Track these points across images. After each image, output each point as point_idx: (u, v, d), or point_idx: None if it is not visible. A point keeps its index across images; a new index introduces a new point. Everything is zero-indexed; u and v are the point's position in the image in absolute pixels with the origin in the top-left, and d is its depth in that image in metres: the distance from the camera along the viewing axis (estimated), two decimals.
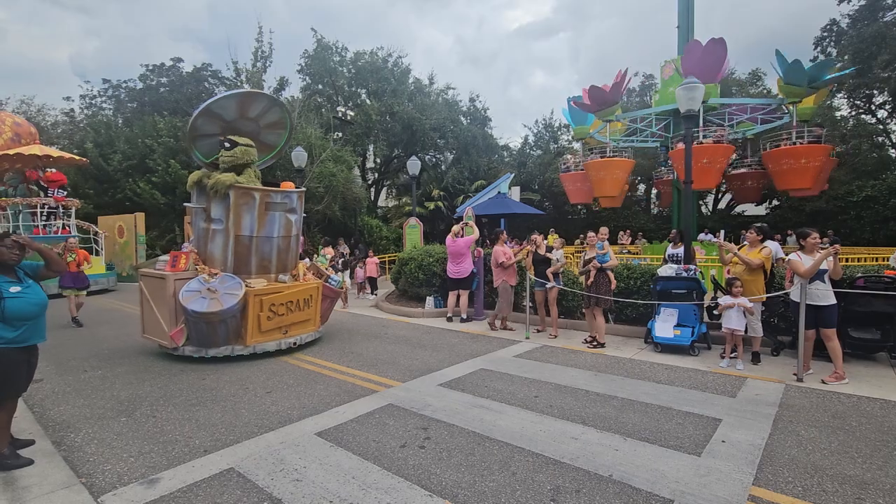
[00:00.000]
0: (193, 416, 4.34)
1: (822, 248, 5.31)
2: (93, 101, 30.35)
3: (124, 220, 17.45)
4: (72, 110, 30.15)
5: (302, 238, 8.26)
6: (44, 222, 14.17)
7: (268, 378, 5.48)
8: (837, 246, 5.42)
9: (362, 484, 3.09)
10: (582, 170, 18.32)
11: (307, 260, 8.46)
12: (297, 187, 7.11)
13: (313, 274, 7.44)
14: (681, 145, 14.28)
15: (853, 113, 22.74)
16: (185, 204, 6.66)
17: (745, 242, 6.49)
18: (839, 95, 22.20)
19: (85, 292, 9.43)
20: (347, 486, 3.07)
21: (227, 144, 6.49)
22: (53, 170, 14.94)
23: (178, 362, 6.16)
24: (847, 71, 16.09)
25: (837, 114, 23.18)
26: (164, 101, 27.06)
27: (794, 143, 14.40)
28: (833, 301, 5.18)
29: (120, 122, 26.74)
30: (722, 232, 16.84)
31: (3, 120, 14.48)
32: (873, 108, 22.08)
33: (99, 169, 20.35)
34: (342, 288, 7.49)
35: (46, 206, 14.28)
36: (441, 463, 3.38)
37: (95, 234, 16.08)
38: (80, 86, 52.24)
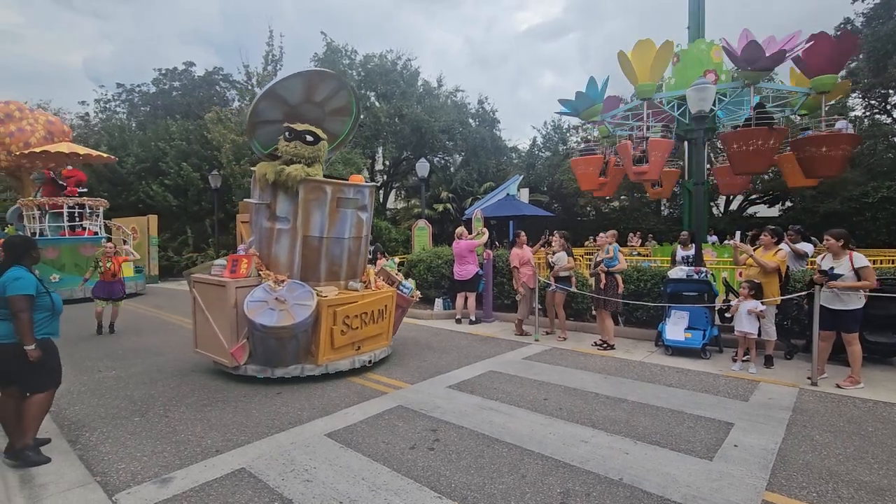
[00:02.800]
0: (205, 416, 4.38)
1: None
2: (107, 105, 30.88)
3: (137, 222, 17.68)
4: (87, 114, 30.69)
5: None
6: (70, 223, 13.79)
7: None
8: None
9: (372, 485, 3.11)
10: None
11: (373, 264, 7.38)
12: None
13: (384, 280, 6.50)
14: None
15: (868, 113, 22.37)
16: (246, 200, 5.87)
17: (760, 245, 6.41)
18: (854, 95, 21.86)
19: (121, 303, 8.75)
20: (357, 487, 3.08)
21: (309, 138, 5.73)
22: (70, 167, 14.65)
23: (187, 365, 6.23)
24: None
25: (852, 114, 22.82)
26: (176, 105, 27.46)
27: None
28: (854, 306, 5.02)
29: (133, 125, 27.17)
30: (738, 233, 16.58)
31: (37, 118, 14.52)
32: (889, 107, 21.71)
33: (113, 171, 20.69)
34: (413, 296, 6.79)
35: (77, 207, 13.89)
36: (450, 465, 3.38)
37: (125, 234, 15.57)
38: (95, 90, 53.34)
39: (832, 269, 5.08)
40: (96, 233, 14.36)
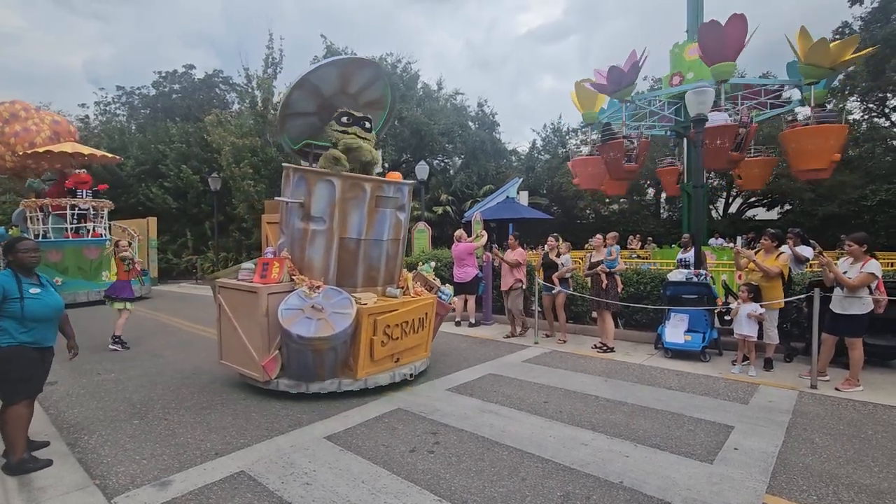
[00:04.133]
0: (205, 419, 4.38)
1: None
2: (107, 108, 30.93)
3: (137, 224, 17.67)
4: (87, 116, 30.73)
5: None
6: (75, 225, 13.60)
7: None
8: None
9: (372, 488, 3.10)
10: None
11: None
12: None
13: (422, 285, 6.07)
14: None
15: (866, 116, 22.45)
16: (277, 198, 5.33)
17: (760, 248, 6.41)
18: (852, 98, 21.94)
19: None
20: (357, 491, 3.08)
21: (367, 125, 5.50)
22: (82, 170, 14.38)
23: (187, 367, 6.22)
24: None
25: (850, 117, 22.90)
26: (176, 108, 27.51)
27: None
28: (855, 311, 5.01)
29: (133, 128, 27.20)
30: (739, 239, 16.62)
31: (42, 118, 14.29)
32: (887, 111, 21.78)
33: (112, 174, 20.70)
34: (452, 303, 6.39)
35: (77, 208, 13.67)
36: (450, 468, 3.38)
37: (129, 236, 15.37)
38: (95, 92, 53.37)
39: (845, 272, 5.10)
40: (102, 235, 14.16)
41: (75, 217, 13.70)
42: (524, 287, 8.25)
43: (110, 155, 15.10)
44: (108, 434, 4.06)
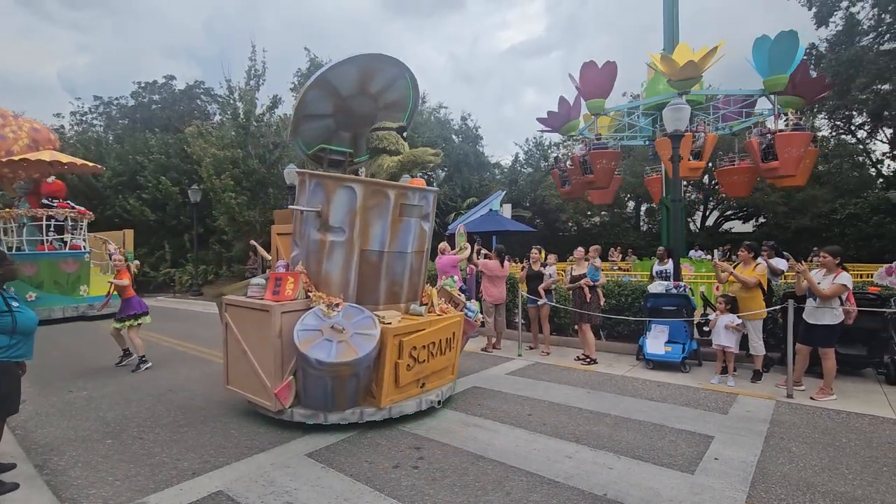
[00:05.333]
0: (182, 437, 4.26)
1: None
2: (83, 118, 30.32)
3: (113, 236, 17.22)
4: (62, 126, 30.06)
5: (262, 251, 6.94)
6: (53, 237, 12.90)
7: None
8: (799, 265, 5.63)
9: None
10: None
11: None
12: (290, 205, 5.49)
13: (446, 301, 5.62)
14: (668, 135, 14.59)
15: (834, 133, 23.37)
16: (291, 206, 4.90)
17: (739, 261, 6.56)
18: (821, 116, 22.83)
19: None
20: None
21: (404, 134, 5.34)
22: (53, 179, 13.81)
23: (163, 384, 6.06)
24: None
25: (819, 134, 23.81)
26: (155, 118, 27.13)
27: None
28: (829, 321, 5.15)
29: (111, 138, 26.69)
30: (716, 252, 17.06)
31: (21, 126, 13.65)
32: (853, 128, 22.72)
33: (88, 185, 20.23)
34: (478, 320, 6.04)
35: (53, 220, 13.02)
36: (435, 483, 3.34)
37: (110, 249, 14.49)
38: (71, 102, 52.29)
39: (819, 283, 5.24)
40: (81, 247, 13.50)
41: (52, 228, 13.01)
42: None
43: (91, 164, 14.54)
44: (79, 454, 3.91)
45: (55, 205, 13.29)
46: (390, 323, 4.47)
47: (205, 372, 6.59)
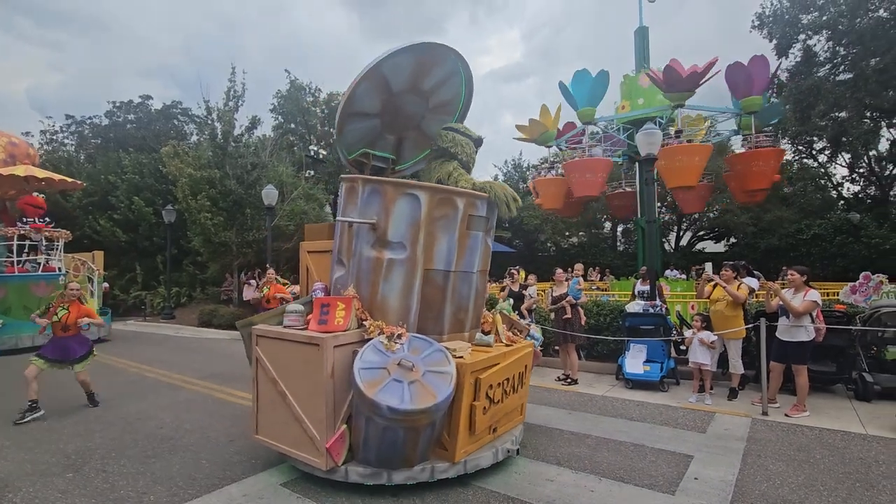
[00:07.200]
0: (149, 468, 4.06)
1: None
2: (54, 137, 29.55)
3: (82, 258, 16.61)
4: (31, 146, 29.23)
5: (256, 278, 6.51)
6: (24, 258, 11.77)
7: (231, 425, 5.19)
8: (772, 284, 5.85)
9: None
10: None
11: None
12: (267, 225, 5.00)
13: (509, 329, 4.88)
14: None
15: (797, 157, 24.47)
16: (339, 219, 4.12)
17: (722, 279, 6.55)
18: (784, 141, 23.92)
19: (82, 365, 5.94)
20: None
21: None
22: (36, 193, 12.97)
23: (131, 412, 5.77)
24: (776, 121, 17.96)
25: (784, 158, 24.91)
26: (130, 138, 26.61)
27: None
28: (801, 338, 5.30)
29: (82, 157, 26.07)
30: (694, 270, 17.74)
31: None
32: (814, 153, 23.83)
33: (56, 206, 19.60)
34: (540, 349, 5.52)
35: (27, 239, 11.87)
36: None
37: (90, 272, 13.65)
38: (42, 121, 50.90)
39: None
40: (58, 269, 12.48)
41: (26, 248, 12.00)
42: None
43: (70, 179, 13.88)
44: (35, 490, 3.68)
45: (27, 227, 12.55)
46: (463, 357, 3.71)
47: (174, 399, 6.34)
